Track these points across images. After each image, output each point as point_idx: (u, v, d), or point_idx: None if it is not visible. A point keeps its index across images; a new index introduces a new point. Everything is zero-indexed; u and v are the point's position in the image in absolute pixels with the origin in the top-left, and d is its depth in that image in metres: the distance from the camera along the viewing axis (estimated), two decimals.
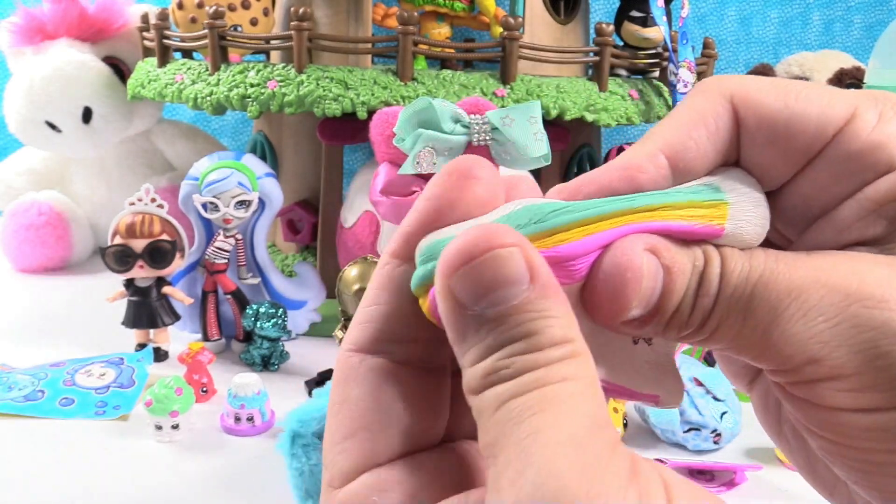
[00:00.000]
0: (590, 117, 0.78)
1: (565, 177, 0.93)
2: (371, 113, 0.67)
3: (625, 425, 0.57)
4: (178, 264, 0.70)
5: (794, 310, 0.16)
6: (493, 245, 0.15)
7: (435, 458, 0.18)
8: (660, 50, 0.89)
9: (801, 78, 1.15)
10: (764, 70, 1.15)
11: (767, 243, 0.20)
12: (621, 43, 0.90)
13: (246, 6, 0.89)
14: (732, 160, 0.19)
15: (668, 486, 0.14)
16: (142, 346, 0.71)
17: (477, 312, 0.15)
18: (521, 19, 0.81)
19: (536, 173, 0.53)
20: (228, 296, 0.72)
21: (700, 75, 0.89)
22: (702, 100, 0.19)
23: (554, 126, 0.80)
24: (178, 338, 0.73)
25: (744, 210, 0.18)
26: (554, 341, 0.15)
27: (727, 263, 0.17)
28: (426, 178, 0.49)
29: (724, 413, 0.55)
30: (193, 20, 0.88)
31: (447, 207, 0.17)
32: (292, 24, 0.72)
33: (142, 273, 0.68)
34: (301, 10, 0.72)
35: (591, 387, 0.15)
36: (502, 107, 0.58)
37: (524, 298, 0.15)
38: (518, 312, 0.15)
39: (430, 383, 0.18)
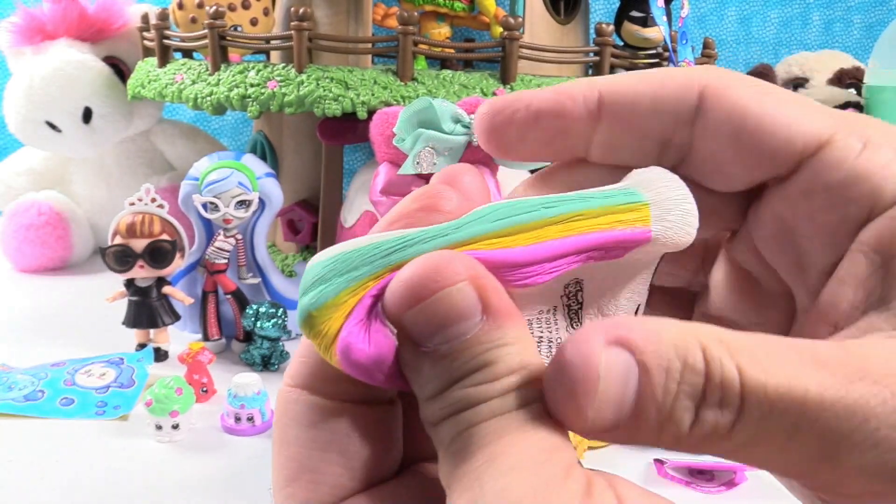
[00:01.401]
0: None
1: None
2: (371, 113, 0.68)
3: None
4: (178, 264, 0.70)
5: (861, 438, 0.13)
6: (442, 284, 0.14)
7: (392, 488, 0.17)
8: (660, 50, 0.90)
9: (801, 78, 1.15)
10: (764, 70, 1.15)
11: (749, 278, 0.19)
12: (621, 43, 0.90)
13: (246, 6, 0.89)
14: (675, 147, 0.18)
15: (621, 502, 0.13)
16: (142, 346, 0.71)
17: (430, 349, 0.15)
18: (521, 19, 0.81)
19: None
20: (228, 296, 0.72)
21: None
22: (674, 71, 0.18)
23: None
24: (178, 338, 0.73)
25: (667, 209, 0.17)
26: (510, 370, 0.15)
27: (747, 369, 0.13)
28: (426, 178, 0.49)
29: None
30: (193, 20, 0.88)
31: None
32: (292, 24, 0.72)
33: (142, 273, 0.68)
34: (301, 10, 0.72)
35: (545, 411, 0.14)
36: None
37: (478, 331, 0.15)
38: (472, 346, 0.15)
39: (375, 417, 0.17)
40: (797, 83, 1.15)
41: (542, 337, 0.17)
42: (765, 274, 0.20)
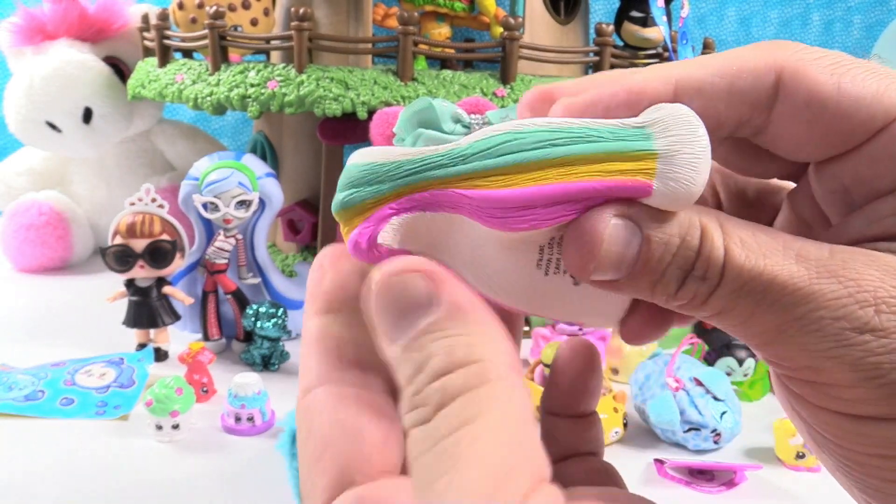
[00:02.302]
0: None
1: None
2: (371, 113, 0.68)
3: (625, 425, 0.57)
4: (178, 264, 0.70)
5: (808, 322, 0.16)
6: (399, 276, 0.16)
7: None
8: (660, 50, 0.89)
9: None
10: None
11: (797, 218, 0.19)
12: (621, 43, 0.90)
13: (246, 6, 0.89)
14: (751, 126, 0.18)
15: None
16: (142, 345, 0.71)
17: (397, 344, 0.16)
18: (521, 19, 0.81)
19: None
20: (229, 296, 0.72)
21: None
22: (747, 53, 0.18)
23: None
24: (179, 338, 0.73)
25: (676, 166, 0.16)
26: (459, 363, 0.15)
27: (733, 251, 0.16)
28: None
29: (723, 413, 0.55)
30: (194, 20, 0.88)
31: None
32: (292, 24, 0.72)
33: (142, 273, 0.68)
34: (301, 10, 0.72)
35: (503, 418, 0.14)
36: (502, 107, 0.58)
37: (429, 323, 0.15)
38: (424, 337, 0.15)
39: (393, 405, 0.18)
40: None
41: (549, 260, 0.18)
42: (822, 226, 0.20)
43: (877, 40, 1.03)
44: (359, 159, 0.18)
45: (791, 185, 0.21)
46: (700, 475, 0.53)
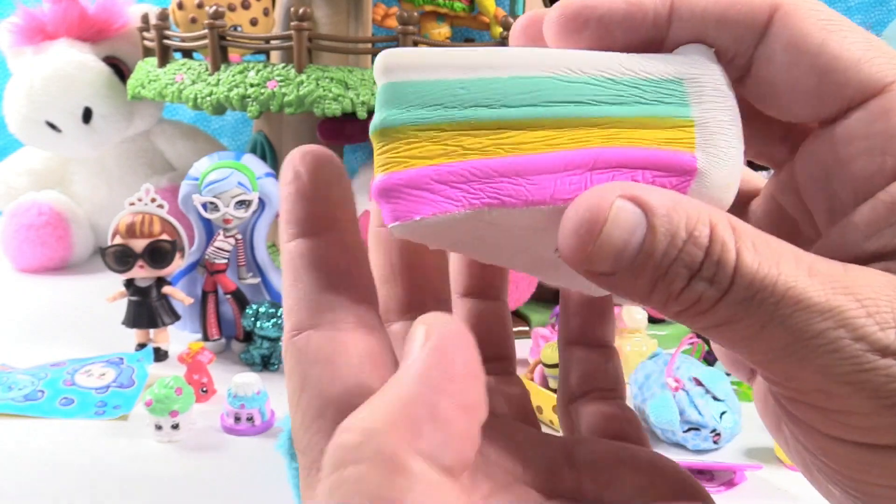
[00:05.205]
0: None
1: None
2: (371, 113, 0.67)
3: None
4: (178, 264, 0.70)
5: (826, 341, 0.14)
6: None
7: None
8: None
9: None
10: None
11: (788, 219, 0.18)
12: None
13: (246, 6, 0.89)
14: (735, 65, 0.17)
15: None
16: (142, 345, 0.71)
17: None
18: None
19: None
20: (228, 296, 0.72)
21: None
22: None
23: None
24: (178, 338, 0.73)
25: (715, 135, 0.16)
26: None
27: (745, 255, 0.15)
28: None
29: (723, 413, 0.55)
30: (193, 20, 0.88)
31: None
32: (292, 24, 0.72)
33: (142, 273, 0.68)
34: (301, 10, 0.72)
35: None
36: None
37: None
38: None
39: (379, 340, 0.17)
40: None
41: None
42: (803, 217, 0.19)
43: None
44: (397, 60, 0.16)
45: (760, 182, 0.21)
46: (700, 475, 0.53)
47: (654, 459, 0.19)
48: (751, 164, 0.21)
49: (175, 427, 0.56)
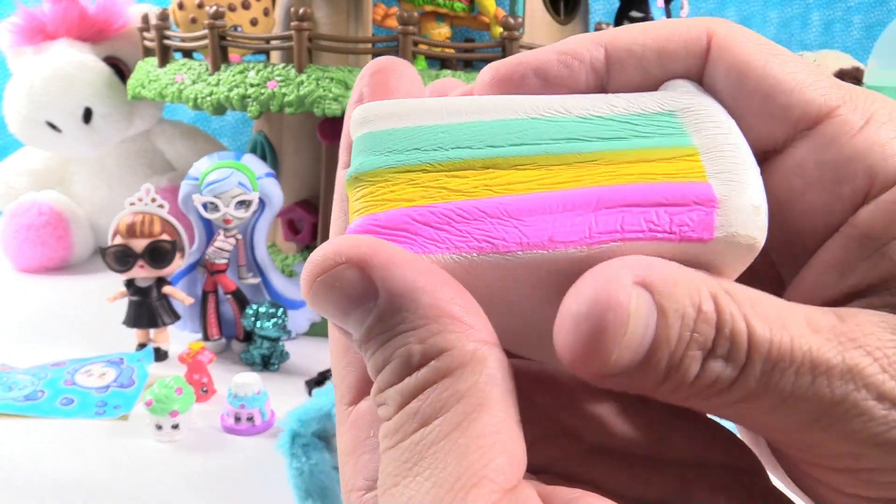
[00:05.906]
0: None
1: None
2: None
3: None
4: (178, 264, 0.70)
5: (850, 405, 0.13)
6: (319, 272, 0.14)
7: None
8: None
9: None
10: None
11: (760, 282, 0.17)
12: None
13: (246, 6, 0.89)
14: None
15: None
16: (142, 345, 0.71)
17: (353, 340, 0.14)
18: (520, 19, 0.81)
19: None
20: (228, 296, 0.72)
21: None
22: (680, 21, 0.17)
23: None
24: (178, 338, 0.73)
25: (725, 159, 0.15)
26: (414, 364, 0.13)
27: (754, 324, 0.13)
28: None
29: None
30: (194, 20, 0.88)
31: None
32: (292, 24, 0.72)
33: (142, 273, 0.69)
34: (301, 10, 0.72)
35: (466, 413, 0.13)
36: None
37: (371, 324, 0.13)
38: (371, 342, 0.14)
39: None
40: None
41: None
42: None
43: (877, 40, 1.02)
44: (371, 116, 0.16)
45: None
46: None
47: (708, 421, 0.18)
48: None
49: (175, 427, 0.56)
